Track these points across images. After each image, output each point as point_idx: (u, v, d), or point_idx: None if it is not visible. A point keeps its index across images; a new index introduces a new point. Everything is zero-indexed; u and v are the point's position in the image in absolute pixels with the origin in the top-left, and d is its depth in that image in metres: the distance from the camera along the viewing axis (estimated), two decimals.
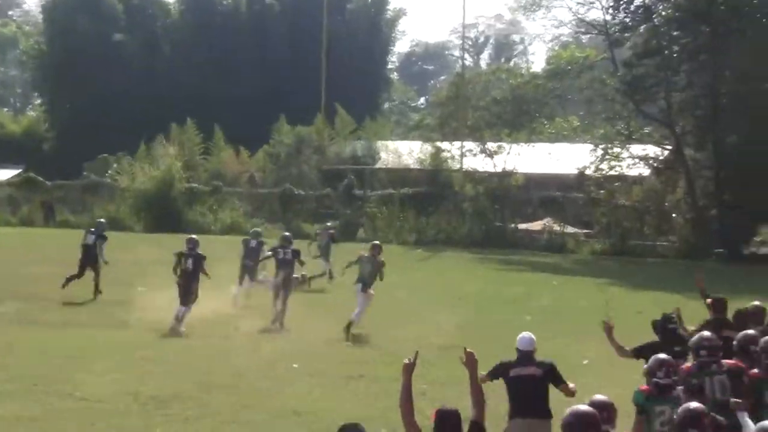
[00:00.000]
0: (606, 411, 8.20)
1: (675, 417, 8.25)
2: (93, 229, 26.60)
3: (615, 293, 28.40)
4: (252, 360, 18.45)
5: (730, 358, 10.86)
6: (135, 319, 21.97)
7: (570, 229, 47.97)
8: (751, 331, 11.66)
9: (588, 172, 49.19)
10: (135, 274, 28.14)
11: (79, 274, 25.67)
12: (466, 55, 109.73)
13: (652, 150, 49.57)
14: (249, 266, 25.54)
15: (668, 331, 13.36)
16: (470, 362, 8.76)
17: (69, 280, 25.41)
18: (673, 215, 47.70)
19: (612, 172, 49.04)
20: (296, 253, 23.12)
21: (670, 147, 48.65)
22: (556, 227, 48.15)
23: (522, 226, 48.73)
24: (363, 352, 19.56)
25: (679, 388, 10.00)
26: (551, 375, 11.01)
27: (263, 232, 31.11)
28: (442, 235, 47.24)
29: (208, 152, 58.82)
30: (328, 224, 34.03)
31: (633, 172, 49.12)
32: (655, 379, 9.87)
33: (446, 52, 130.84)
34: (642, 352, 12.75)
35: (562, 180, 51.42)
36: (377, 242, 22.67)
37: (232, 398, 15.33)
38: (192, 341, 20.06)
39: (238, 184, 55.21)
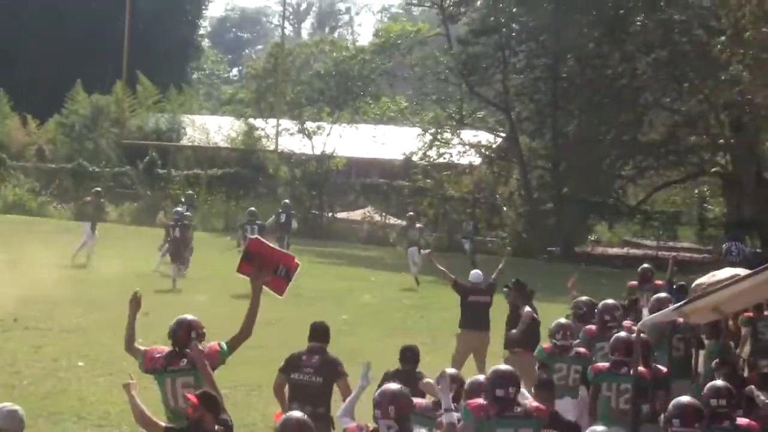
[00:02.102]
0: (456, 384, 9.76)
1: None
2: None
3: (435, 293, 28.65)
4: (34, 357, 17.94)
5: None
6: None
7: (393, 221, 48.20)
8: (609, 301, 14.87)
9: (415, 158, 49.48)
10: None
11: None
12: (286, 24, 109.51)
13: (485, 137, 50.18)
14: None
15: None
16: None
17: None
18: (505, 208, 48.41)
19: (441, 160, 49.42)
20: (261, 228, 27.18)
21: (504, 134, 49.36)
22: (378, 218, 48.31)
23: (341, 214, 48.83)
24: None
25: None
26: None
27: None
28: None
29: None
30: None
31: (464, 160, 49.61)
32: (554, 340, 13.46)
33: (264, 19, 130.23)
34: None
35: (387, 166, 51.68)
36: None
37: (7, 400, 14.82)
38: None
39: (25, 157, 53.69)
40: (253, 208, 31.70)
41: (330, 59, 53.10)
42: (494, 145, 50.21)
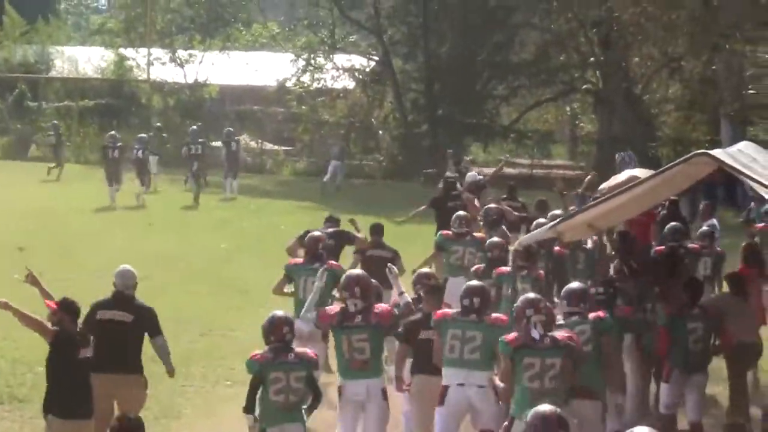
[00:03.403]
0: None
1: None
2: None
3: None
4: None
5: None
6: None
7: (269, 147, 47.96)
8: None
9: (289, 84, 49.18)
10: None
11: None
12: None
13: (358, 61, 50.05)
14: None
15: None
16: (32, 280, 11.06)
17: None
18: (380, 132, 48.47)
19: (315, 85, 49.23)
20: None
21: (377, 58, 49.28)
22: (254, 145, 48.01)
23: (216, 143, 48.32)
24: None
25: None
26: None
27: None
28: (129, 153, 46.17)
29: None
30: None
31: (338, 85, 49.48)
32: (452, 229, 15.14)
33: None
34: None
35: (261, 93, 51.24)
36: None
37: None
38: None
39: None
40: (113, 132, 35.29)
41: None
42: (368, 69, 50.08)
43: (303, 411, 10.12)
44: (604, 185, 15.47)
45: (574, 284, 11.48)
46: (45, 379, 10.54)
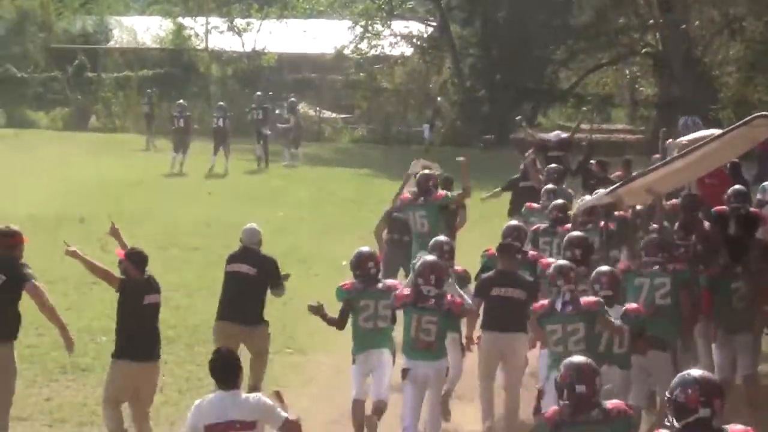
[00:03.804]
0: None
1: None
2: None
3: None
4: None
5: None
6: None
7: (327, 115, 47.98)
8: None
9: (346, 51, 49.14)
10: None
11: None
12: None
13: (415, 27, 49.91)
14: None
15: None
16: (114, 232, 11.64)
17: None
18: (439, 99, 48.34)
19: (373, 52, 49.15)
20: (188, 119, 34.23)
21: (434, 24, 49.10)
22: (312, 113, 48.06)
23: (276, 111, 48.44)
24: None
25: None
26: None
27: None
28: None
29: None
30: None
31: (395, 51, 49.37)
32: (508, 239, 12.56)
33: None
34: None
35: (318, 60, 51.24)
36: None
37: None
38: None
39: None
40: (182, 101, 36.14)
41: None
42: (425, 35, 49.94)
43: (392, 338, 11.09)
44: (682, 139, 15.32)
45: (653, 234, 11.91)
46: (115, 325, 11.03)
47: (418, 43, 49.59)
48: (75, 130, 44.39)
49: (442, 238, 12.25)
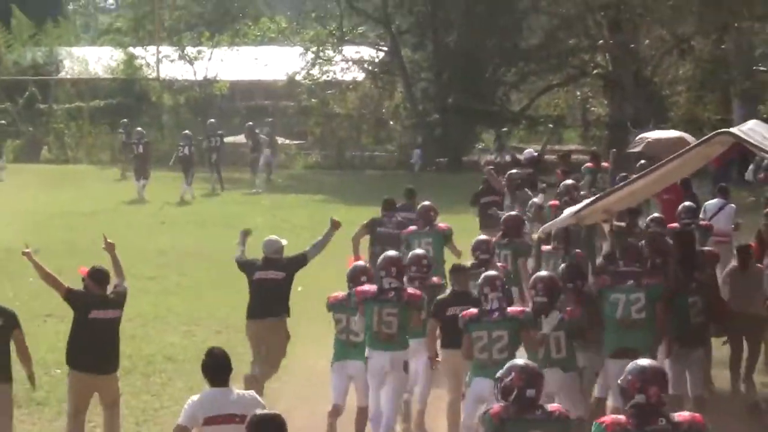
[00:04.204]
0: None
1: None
2: None
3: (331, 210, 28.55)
4: None
5: None
6: None
7: (281, 141, 47.88)
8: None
9: (298, 78, 49.11)
10: None
11: None
12: None
13: (367, 52, 49.96)
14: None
15: None
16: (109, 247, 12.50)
17: None
18: (391, 122, 48.39)
19: (325, 78, 49.16)
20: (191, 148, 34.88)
21: (386, 48, 49.17)
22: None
23: (228, 139, 48.28)
24: None
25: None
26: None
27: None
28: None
29: None
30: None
31: (347, 77, 49.39)
32: (477, 253, 13.47)
33: None
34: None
35: (271, 87, 51.20)
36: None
37: None
38: None
39: None
40: (140, 128, 36.66)
41: None
42: (377, 60, 50.00)
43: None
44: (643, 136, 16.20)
45: (631, 242, 12.56)
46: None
47: (370, 68, 49.63)
48: (27, 162, 44.07)
49: (419, 251, 13.30)
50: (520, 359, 8.65)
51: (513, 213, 16.27)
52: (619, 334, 11.67)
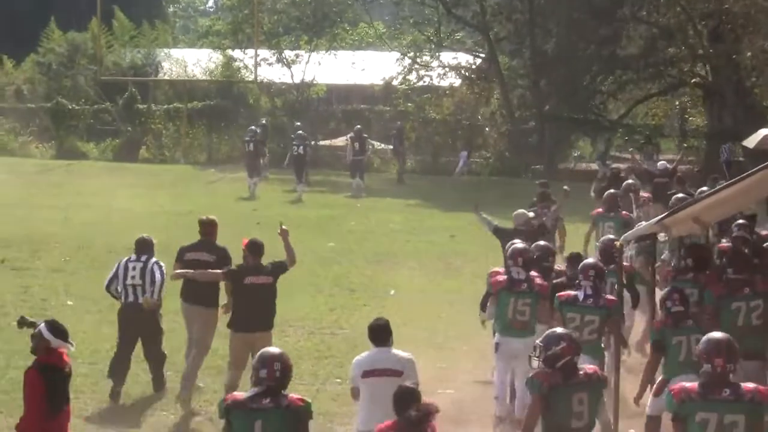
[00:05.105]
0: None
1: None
2: None
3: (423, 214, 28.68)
4: (22, 298, 17.85)
5: None
6: None
7: (377, 145, 48.00)
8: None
9: (395, 83, 49.29)
10: None
11: None
12: None
13: (464, 58, 49.95)
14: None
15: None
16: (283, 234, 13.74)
17: None
18: (487, 129, 48.28)
19: (421, 83, 49.25)
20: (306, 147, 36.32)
21: (483, 55, 49.10)
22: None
23: (323, 142, 48.63)
24: None
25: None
26: None
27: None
28: (237, 154, 46.60)
29: None
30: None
31: (444, 82, 49.42)
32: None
33: None
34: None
35: (367, 92, 51.41)
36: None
37: None
38: None
39: (3, 98, 53.23)
40: (253, 126, 37.97)
41: None
42: (474, 66, 49.96)
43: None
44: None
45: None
46: None
47: (467, 74, 49.61)
48: (125, 162, 44.69)
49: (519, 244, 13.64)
50: (560, 329, 9.61)
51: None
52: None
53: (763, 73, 43.84)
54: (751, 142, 28.29)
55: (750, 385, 8.22)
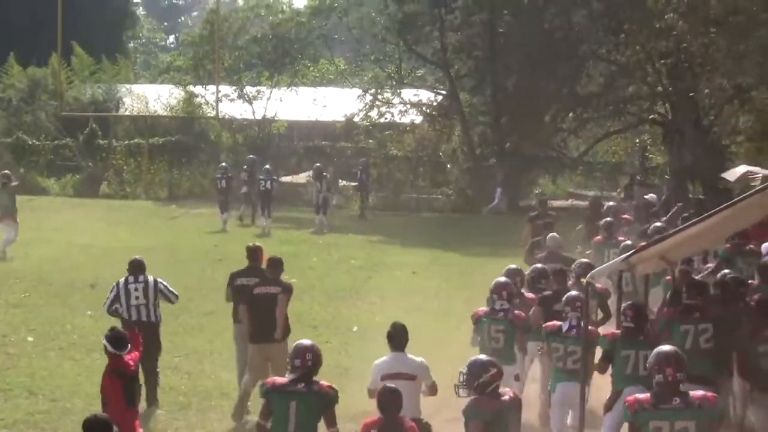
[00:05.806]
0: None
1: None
2: None
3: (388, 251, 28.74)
4: None
5: None
6: None
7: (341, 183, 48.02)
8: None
9: (356, 119, 49.45)
10: None
11: None
12: None
13: (425, 95, 50.17)
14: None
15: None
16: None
17: None
18: (449, 166, 48.43)
19: (382, 120, 49.42)
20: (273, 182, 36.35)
21: (444, 92, 49.32)
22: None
23: (285, 178, 48.63)
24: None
25: None
26: None
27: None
28: (198, 189, 46.60)
29: None
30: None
31: (405, 119, 49.62)
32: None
33: None
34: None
35: (329, 128, 51.51)
36: None
37: None
38: None
39: None
40: (224, 163, 38.61)
41: (266, 23, 52.78)
42: (435, 103, 50.20)
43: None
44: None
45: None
46: None
47: (428, 111, 49.82)
48: (86, 197, 44.51)
49: (513, 266, 14.87)
50: (483, 356, 10.12)
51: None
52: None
53: (721, 112, 44.22)
54: (732, 175, 28.65)
55: (699, 392, 8.96)
